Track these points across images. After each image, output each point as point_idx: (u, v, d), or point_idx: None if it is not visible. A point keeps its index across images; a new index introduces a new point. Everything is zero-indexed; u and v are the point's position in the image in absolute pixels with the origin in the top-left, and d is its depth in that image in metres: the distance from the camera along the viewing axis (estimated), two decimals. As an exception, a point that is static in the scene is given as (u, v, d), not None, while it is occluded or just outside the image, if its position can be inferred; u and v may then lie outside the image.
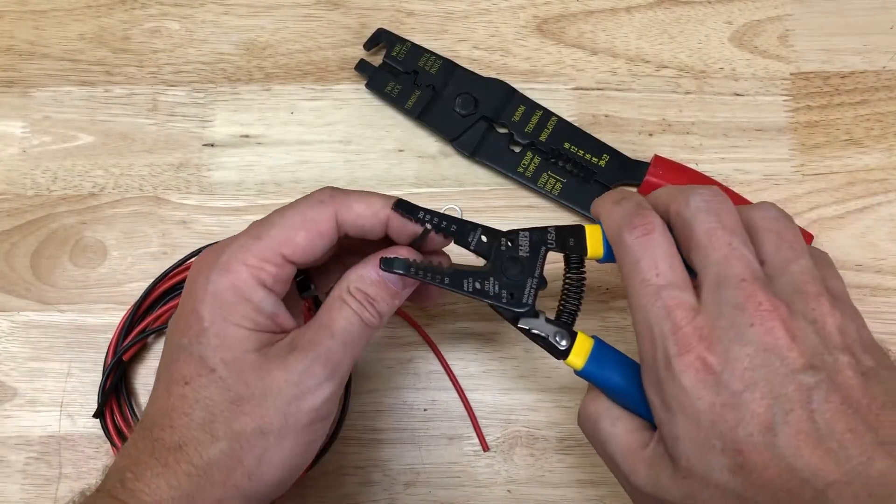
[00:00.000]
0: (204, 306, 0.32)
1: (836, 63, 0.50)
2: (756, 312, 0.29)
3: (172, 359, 0.32)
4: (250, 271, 0.32)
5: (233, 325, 0.32)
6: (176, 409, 0.32)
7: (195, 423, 0.31)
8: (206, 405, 0.31)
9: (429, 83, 0.49)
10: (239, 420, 0.31)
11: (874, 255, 0.47)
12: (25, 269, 0.47)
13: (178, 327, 0.33)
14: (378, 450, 0.44)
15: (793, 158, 0.48)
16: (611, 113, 0.49)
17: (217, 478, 0.31)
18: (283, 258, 0.33)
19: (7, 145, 0.49)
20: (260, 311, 0.32)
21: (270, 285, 0.33)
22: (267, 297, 0.33)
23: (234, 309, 0.32)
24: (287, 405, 0.31)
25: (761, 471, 0.28)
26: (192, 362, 0.32)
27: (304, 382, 0.32)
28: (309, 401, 0.32)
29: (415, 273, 0.33)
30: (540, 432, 0.44)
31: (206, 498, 0.31)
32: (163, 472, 0.31)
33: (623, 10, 0.51)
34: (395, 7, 0.51)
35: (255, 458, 0.31)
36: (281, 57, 0.50)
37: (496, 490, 0.43)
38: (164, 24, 0.51)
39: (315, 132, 0.49)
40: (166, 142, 0.49)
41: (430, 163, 0.49)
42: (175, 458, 0.31)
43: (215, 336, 0.32)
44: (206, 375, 0.31)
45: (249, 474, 0.31)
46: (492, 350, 0.45)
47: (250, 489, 0.32)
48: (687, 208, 0.32)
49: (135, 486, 0.30)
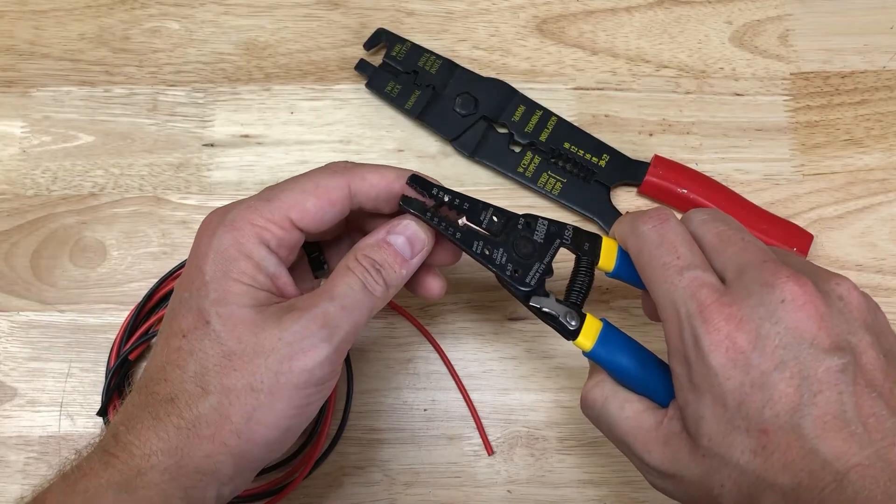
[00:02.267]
0: (206, 261, 0.32)
1: (836, 63, 0.50)
2: (786, 288, 0.29)
3: (174, 314, 0.33)
4: (254, 230, 0.33)
5: (232, 279, 0.32)
6: (172, 363, 0.32)
7: (188, 376, 0.31)
8: (199, 358, 0.31)
9: (429, 83, 0.49)
10: (230, 375, 0.31)
11: (874, 255, 0.47)
12: (25, 269, 0.47)
13: (182, 283, 0.33)
14: (378, 450, 0.44)
15: (793, 158, 0.48)
16: (611, 113, 0.49)
17: (205, 432, 0.31)
18: (290, 223, 0.33)
19: (7, 145, 0.49)
20: (260, 269, 0.32)
21: (274, 247, 0.33)
22: (269, 257, 0.33)
23: (234, 264, 0.32)
24: (279, 364, 0.31)
25: (784, 452, 0.28)
26: (191, 315, 0.32)
27: (297, 342, 0.31)
28: (301, 361, 0.31)
29: (430, 218, 0.34)
30: (540, 432, 0.44)
31: (194, 452, 0.31)
32: (153, 424, 0.31)
33: (623, 10, 0.51)
34: (395, 7, 0.51)
35: (244, 415, 0.31)
36: (281, 57, 0.50)
37: (496, 490, 0.43)
38: (164, 24, 0.51)
39: (315, 132, 0.49)
40: (166, 142, 0.49)
41: (430, 163, 0.49)
42: (166, 411, 0.31)
43: (214, 290, 0.32)
44: (202, 328, 0.31)
45: (238, 432, 0.31)
46: (492, 350, 0.45)
47: (238, 448, 0.31)
48: (691, 223, 0.34)
49: (127, 440, 0.31)
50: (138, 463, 0.30)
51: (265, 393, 0.31)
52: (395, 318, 0.46)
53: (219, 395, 0.31)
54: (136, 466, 0.30)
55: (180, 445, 0.30)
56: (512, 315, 0.46)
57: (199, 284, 0.32)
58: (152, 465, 0.30)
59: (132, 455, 0.30)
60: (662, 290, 0.32)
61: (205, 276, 0.32)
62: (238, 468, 0.32)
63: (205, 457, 0.31)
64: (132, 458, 0.30)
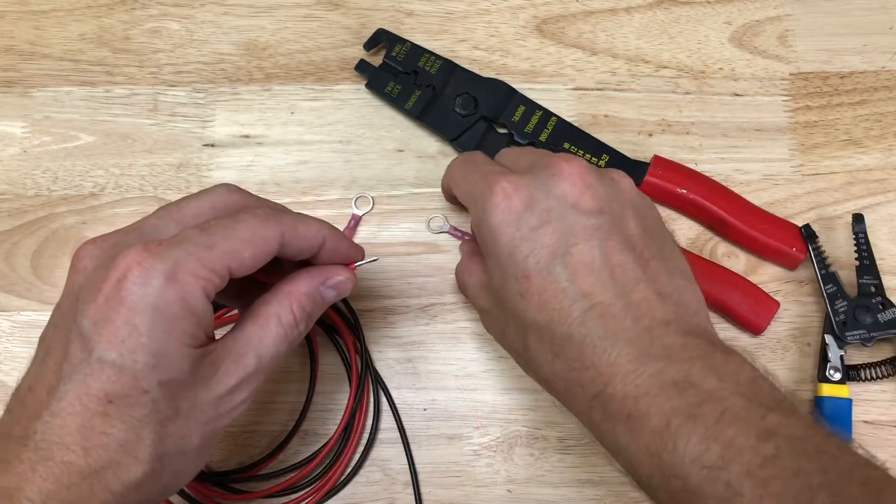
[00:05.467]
0: (143, 319, 0.29)
1: (835, 63, 0.50)
2: (559, 165, 0.35)
3: (91, 371, 0.29)
4: (199, 283, 0.30)
5: (174, 342, 0.29)
6: (93, 429, 0.28)
7: (115, 444, 0.29)
8: (131, 426, 0.29)
9: (429, 83, 0.49)
10: (164, 442, 0.30)
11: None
12: (26, 269, 0.47)
13: (100, 335, 0.29)
14: (378, 450, 0.44)
15: (792, 158, 0.48)
16: (610, 113, 0.49)
17: (133, 499, 0.29)
18: (228, 271, 0.31)
19: (7, 145, 0.49)
20: (201, 325, 0.30)
21: (211, 297, 0.31)
22: (207, 310, 0.31)
23: (177, 324, 0.29)
24: (206, 425, 0.31)
25: (540, 294, 0.33)
26: (122, 381, 0.29)
27: (224, 405, 0.32)
28: (225, 420, 0.32)
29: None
30: (540, 432, 0.44)
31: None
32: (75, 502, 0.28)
33: (623, 11, 0.51)
34: (395, 7, 0.51)
35: (173, 474, 0.31)
36: (281, 57, 0.50)
37: (496, 490, 0.43)
38: (165, 25, 0.51)
39: (315, 132, 0.49)
40: (167, 142, 0.49)
41: (430, 163, 0.49)
42: (90, 487, 0.28)
43: (154, 355, 0.29)
44: (137, 396, 0.29)
45: (164, 488, 0.31)
46: (492, 350, 0.45)
47: (159, 498, 0.32)
48: (499, 156, 0.41)
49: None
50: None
51: (193, 451, 0.31)
52: (395, 317, 0.46)
53: (152, 463, 0.30)
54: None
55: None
56: (512, 315, 0.46)
57: (133, 346, 0.28)
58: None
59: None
60: (464, 185, 0.39)
61: (141, 337, 0.29)
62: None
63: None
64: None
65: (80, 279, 0.32)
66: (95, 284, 0.30)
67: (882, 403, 0.44)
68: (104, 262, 0.30)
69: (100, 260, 0.31)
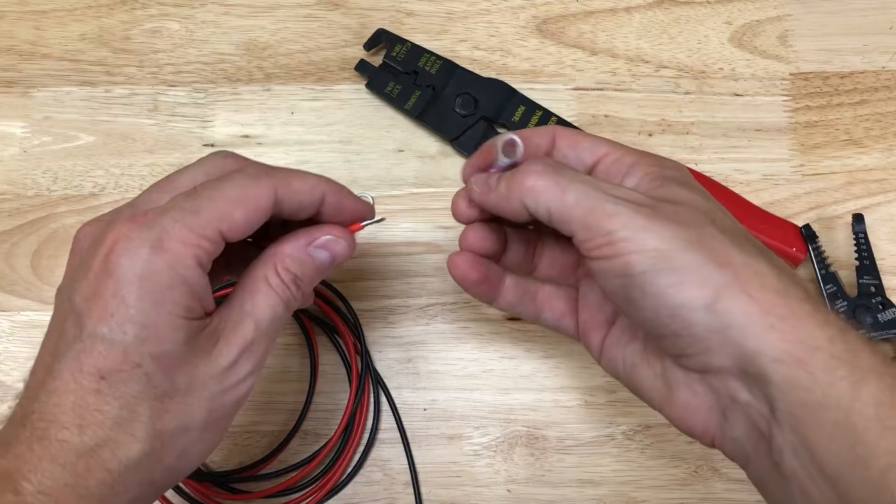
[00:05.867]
0: (131, 290, 0.28)
1: (835, 63, 0.50)
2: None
3: (83, 347, 0.28)
4: (189, 250, 0.29)
5: (165, 313, 0.28)
6: (87, 406, 0.28)
7: (110, 422, 0.28)
8: (126, 402, 0.28)
9: (429, 83, 0.49)
10: (162, 418, 0.29)
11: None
12: (26, 269, 0.47)
13: (90, 310, 0.28)
14: (378, 450, 0.44)
15: (792, 158, 0.48)
16: (611, 113, 0.49)
17: (133, 479, 0.28)
18: (220, 235, 0.30)
19: (7, 145, 0.49)
20: (193, 295, 0.29)
21: (205, 265, 0.30)
22: (202, 279, 0.29)
23: (167, 295, 0.28)
24: (211, 400, 0.30)
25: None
26: (112, 355, 0.28)
27: (229, 378, 0.30)
28: (233, 395, 0.31)
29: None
30: (540, 432, 0.44)
31: (118, 501, 0.28)
32: (72, 482, 0.27)
33: (623, 11, 0.51)
34: (395, 7, 0.51)
35: (176, 454, 0.29)
36: (281, 57, 0.50)
37: (496, 490, 0.43)
38: (165, 25, 0.51)
39: (315, 132, 0.49)
40: (167, 142, 0.49)
41: (431, 163, 0.49)
42: (86, 465, 0.27)
43: (143, 327, 0.28)
44: (129, 371, 0.28)
45: (169, 469, 0.30)
46: (492, 350, 0.45)
47: (166, 482, 0.30)
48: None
49: (38, 501, 0.26)
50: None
51: (198, 429, 0.30)
52: (395, 317, 0.46)
53: (151, 441, 0.28)
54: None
55: (104, 497, 0.28)
56: (512, 315, 0.46)
57: (121, 319, 0.28)
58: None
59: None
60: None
61: (129, 310, 0.28)
62: (158, 495, 0.31)
63: (130, 500, 0.29)
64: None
65: (77, 260, 0.31)
66: (86, 262, 0.29)
67: (882, 403, 0.44)
68: (96, 240, 0.30)
69: (93, 238, 0.31)
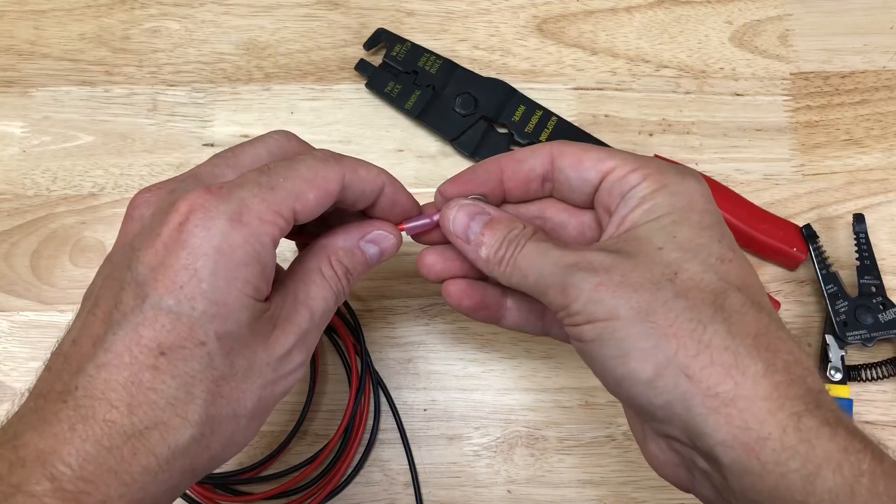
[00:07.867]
0: (205, 263, 0.26)
1: (836, 63, 0.50)
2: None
3: (144, 319, 0.26)
4: (265, 227, 0.28)
5: (236, 290, 0.27)
6: (140, 384, 0.26)
7: (164, 402, 0.26)
8: (183, 382, 0.26)
9: (429, 83, 0.49)
10: (216, 403, 0.27)
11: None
12: (25, 269, 0.47)
13: (157, 280, 0.26)
14: (378, 450, 0.44)
15: (793, 158, 0.48)
16: (611, 113, 0.49)
17: (178, 466, 0.27)
18: (293, 215, 0.29)
19: (7, 145, 0.49)
20: (264, 275, 0.28)
21: (276, 245, 0.29)
22: (272, 259, 0.29)
23: (241, 271, 0.27)
24: (263, 389, 0.29)
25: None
26: (177, 330, 0.26)
27: (283, 367, 0.30)
28: (283, 384, 0.30)
29: None
30: (540, 432, 0.44)
31: (159, 488, 0.26)
32: (116, 468, 0.25)
33: (623, 10, 0.51)
34: (395, 7, 0.51)
35: (222, 442, 0.28)
36: (281, 57, 0.50)
37: (496, 490, 0.43)
38: (164, 24, 0.51)
39: (315, 132, 0.49)
40: (166, 142, 0.49)
41: (431, 163, 0.49)
42: (132, 449, 0.25)
43: (213, 303, 0.27)
44: (192, 348, 0.26)
45: (212, 457, 0.28)
46: (492, 350, 0.45)
47: (204, 471, 0.29)
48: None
49: (76, 488, 0.24)
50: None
51: (246, 418, 0.29)
52: (395, 317, 0.46)
53: (201, 427, 0.27)
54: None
55: (146, 484, 0.26)
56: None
57: (192, 292, 0.26)
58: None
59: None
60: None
61: (201, 283, 0.26)
62: (189, 486, 0.29)
63: (168, 489, 0.27)
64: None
65: (136, 227, 0.29)
66: (154, 230, 0.27)
67: (882, 404, 0.44)
68: (163, 208, 0.28)
69: (157, 206, 0.29)
